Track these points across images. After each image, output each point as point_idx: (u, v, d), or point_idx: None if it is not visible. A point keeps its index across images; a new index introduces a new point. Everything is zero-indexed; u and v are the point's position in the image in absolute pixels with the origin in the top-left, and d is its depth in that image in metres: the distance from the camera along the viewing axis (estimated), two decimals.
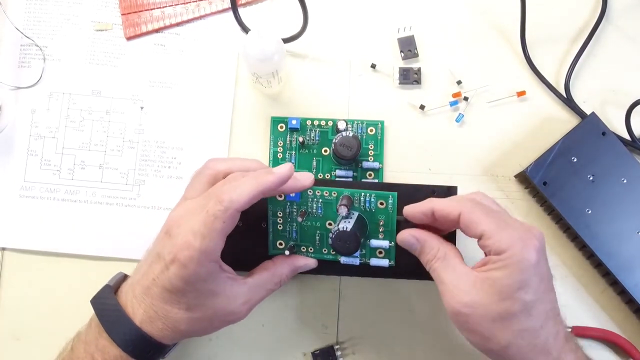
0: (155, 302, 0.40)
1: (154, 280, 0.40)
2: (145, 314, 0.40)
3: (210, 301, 0.41)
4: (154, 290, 0.40)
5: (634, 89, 0.56)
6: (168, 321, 0.41)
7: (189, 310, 0.40)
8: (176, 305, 0.40)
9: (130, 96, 0.56)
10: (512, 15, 0.56)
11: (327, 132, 0.54)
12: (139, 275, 0.42)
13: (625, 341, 0.52)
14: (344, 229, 0.43)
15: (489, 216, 0.39)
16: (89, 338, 0.42)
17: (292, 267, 0.46)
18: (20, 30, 0.56)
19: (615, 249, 0.51)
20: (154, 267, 0.40)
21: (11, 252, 0.53)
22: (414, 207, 0.43)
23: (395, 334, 0.52)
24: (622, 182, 0.52)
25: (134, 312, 0.41)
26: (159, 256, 0.40)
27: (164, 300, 0.40)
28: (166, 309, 0.40)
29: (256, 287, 0.43)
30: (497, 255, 0.38)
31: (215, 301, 0.41)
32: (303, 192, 0.46)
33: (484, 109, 0.56)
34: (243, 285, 0.43)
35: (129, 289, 0.42)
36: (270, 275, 0.45)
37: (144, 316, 0.40)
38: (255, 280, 0.44)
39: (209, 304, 0.41)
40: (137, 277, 0.42)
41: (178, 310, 0.40)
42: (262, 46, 0.47)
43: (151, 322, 0.40)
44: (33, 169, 0.54)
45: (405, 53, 0.56)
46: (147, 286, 0.40)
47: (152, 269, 0.40)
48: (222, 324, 0.43)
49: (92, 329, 0.42)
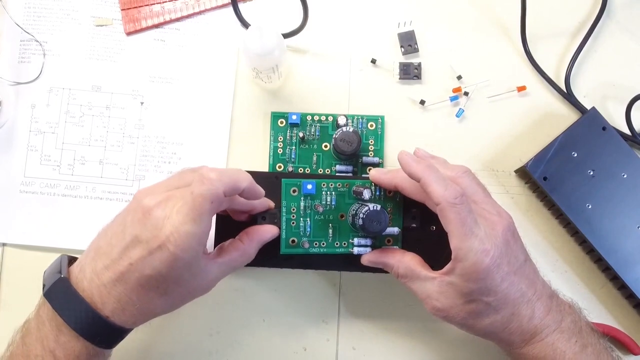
0: (131, 289, 0.38)
1: (130, 266, 0.38)
2: (118, 302, 0.38)
3: (188, 282, 0.40)
4: (131, 276, 0.38)
5: (634, 83, 0.56)
6: (143, 306, 0.39)
7: (166, 294, 0.40)
8: (154, 291, 0.39)
9: (130, 91, 0.55)
10: (512, 10, 0.56)
11: (327, 127, 0.54)
12: (104, 260, 0.39)
13: (625, 336, 0.52)
14: (374, 208, 0.43)
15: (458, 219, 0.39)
16: (44, 334, 0.39)
17: (260, 244, 0.45)
18: (20, 26, 0.56)
19: (615, 244, 0.51)
20: (130, 252, 0.38)
21: (12, 247, 0.53)
22: (379, 177, 0.46)
23: (395, 328, 0.52)
24: (623, 177, 0.52)
25: (102, 302, 0.38)
26: (137, 240, 0.38)
27: (141, 286, 0.38)
28: (143, 295, 0.39)
29: (225, 266, 0.43)
30: (458, 261, 0.40)
31: (191, 281, 0.40)
32: (318, 185, 0.46)
33: (484, 104, 0.56)
34: (214, 263, 0.42)
35: (93, 276, 0.39)
36: (239, 255, 0.43)
37: (116, 305, 0.39)
38: (225, 259, 0.42)
39: (186, 285, 0.40)
40: (102, 262, 0.39)
41: (155, 295, 0.39)
42: (262, 41, 0.47)
43: (123, 310, 0.39)
44: (33, 165, 0.54)
45: (405, 48, 0.56)
46: (121, 272, 0.38)
47: (128, 253, 0.38)
48: (190, 299, 0.42)
49: (46, 324, 0.39)
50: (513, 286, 0.41)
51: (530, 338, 0.42)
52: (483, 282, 0.40)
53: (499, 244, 0.40)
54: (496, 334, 0.42)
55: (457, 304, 0.41)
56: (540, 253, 0.53)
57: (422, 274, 0.43)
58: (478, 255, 0.39)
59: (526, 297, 0.41)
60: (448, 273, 0.41)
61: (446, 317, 0.43)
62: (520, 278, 0.41)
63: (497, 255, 0.40)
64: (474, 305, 0.41)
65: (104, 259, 0.39)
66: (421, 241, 0.47)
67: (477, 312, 0.41)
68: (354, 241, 0.47)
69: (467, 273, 0.40)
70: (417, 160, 0.41)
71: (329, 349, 0.52)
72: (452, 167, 0.45)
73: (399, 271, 0.45)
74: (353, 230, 0.47)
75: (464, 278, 0.40)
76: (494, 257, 0.40)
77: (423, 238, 0.48)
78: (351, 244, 0.47)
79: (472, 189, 0.43)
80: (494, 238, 0.40)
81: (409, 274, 0.44)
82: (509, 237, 0.42)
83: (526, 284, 0.42)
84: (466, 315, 0.42)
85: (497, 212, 0.43)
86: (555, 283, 0.45)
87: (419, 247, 0.46)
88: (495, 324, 0.42)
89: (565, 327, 0.42)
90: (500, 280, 0.40)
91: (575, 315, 0.43)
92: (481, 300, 0.41)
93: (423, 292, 0.43)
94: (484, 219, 0.42)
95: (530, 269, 0.43)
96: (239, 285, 0.53)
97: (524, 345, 0.42)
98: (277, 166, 0.53)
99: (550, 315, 0.42)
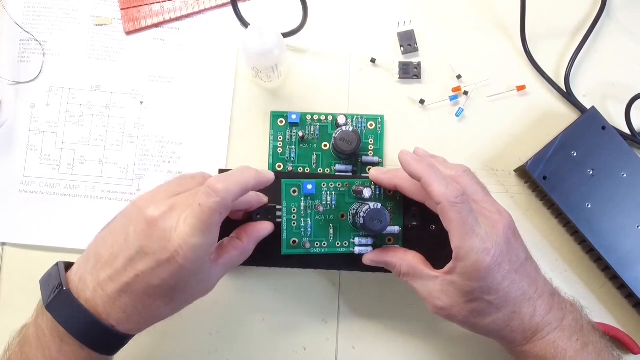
0: (136, 299, 0.38)
1: (137, 277, 0.38)
2: (123, 312, 0.38)
3: (193, 288, 0.40)
4: (137, 287, 0.38)
5: (633, 83, 0.56)
6: (148, 314, 0.39)
7: (173, 301, 0.40)
8: (160, 299, 0.39)
9: (129, 91, 0.55)
10: (512, 10, 0.56)
11: (327, 126, 0.54)
12: (107, 271, 0.38)
13: (624, 335, 0.52)
14: (375, 207, 0.43)
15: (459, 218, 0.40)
16: (45, 344, 0.39)
17: (257, 241, 0.45)
18: (19, 25, 0.56)
19: (614, 243, 0.51)
20: (136, 264, 0.38)
21: (11, 247, 0.53)
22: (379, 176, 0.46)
23: (395, 327, 0.52)
24: (622, 176, 0.52)
25: (107, 312, 0.38)
26: (144, 252, 0.37)
27: (148, 295, 0.38)
28: (149, 304, 0.39)
29: (226, 266, 0.43)
30: (459, 260, 0.40)
31: (197, 287, 0.41)
32: (318, 185, 0.46)
33: (483, 104, 0.56)
34: (217, 266, 0.42)
35: (96, 287, 0.38)
36: (239, 254, 0.43)
37: (121, 315, 0.38)
38: (226, 260, 0.42)
39: (192, 290, 0.41)
40: (105, 272, 0.38)
41: (161, 303, 0.39)
42: (262, 41, 0.47)
43: (128, 319, 0.39)
44: (33, 164, 0.54)
45: (405, 47, 0.56)
46: (127, 283, 0.38)
47: (134, 265, 0.38)
48: (192, 302, 0.42)
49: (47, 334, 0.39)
50: (514, 285, 0.41)
51: (532, 336, 0.42)
52: (484, 280, 0.40)
53: (500, 243, 0.40)
54: (498, 332, 0.42)
55: (459, 302, 0.42)
56: (539, 252, 0.53)
57: (425, 272, 0.43)
58: (479, 254, 0.39)
59: (527, 295, 0.42)
60: (449, 272, 0.41)
61: (448, 316, 0.43)
62: (522, 276, 0.42)
63: (498, 254, 0.40)
64: (475, 304, 0.41)
65: (107, 269, 0.39)
66: (422, 239, 0.47)
67: (479, 310, 0.41)
68: (355, 241, 0.47)
69: (469, 272, 0.40)
70: (417, 160, 0.41)
71: (328, 348, 0.52)
72: (452, 166, 0.45)
73: (401, 269, 0.45)
74: (354, 230, 0.47)
75: (466, 277, 0.40)
76: (495, 256, 0.40)
77: (423, 236, 0.48)
78: (352, 244, 0.47)
79: (472, 188, 0.43)
80: (495, 237, 0.40)
81: (412, 272, 0.44)
82: (510, 236, 0.42)
83: (527, 282, 0.42)
84: (468, 314, 0.42)
85: (497, 210, 0.43)
86: (555, 282, 0.45)
87: (420, 245, 0.46)
88: (497, 323, 0.42)
89: (567, 325, 0.42)
90: (502, 279, 0.40)
91: (577, 314, 0.43)
92: (483, 298, 0.41)
93: (425, 291, 0.43)
94: (485, 218, 0.42)
95: (532, 267, 0.43)
96: (239, 284, 0.53)
97: (525, 343, 0.42)
98: (276, 165, 0.53)
99: (551, 314, 0.42)
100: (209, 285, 0.42)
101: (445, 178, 0.41)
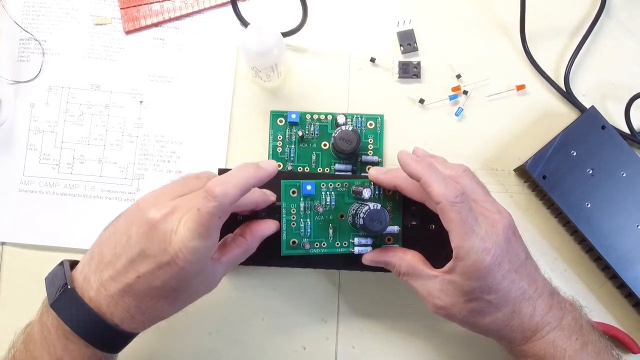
0: (139, 299, 0.39)
1: (138, 279, 0.38)
2: (126, 312, 0.39)
3: (196, 288, 0.41)
4: (139, 288, 0.38)
5: (633, 82, 0.56)
6: (151, 314, 0.40)
7: (176, 301, 0.40)
8: (163, 300, 0.39)
9: (129, 90, 0.55)
10: (512, 9, 0.56)
11: (326, 126, 0.54)
12: (109, 271, 0.39)
13: (624, 335, 0.52)
14: (375, 207, 0.43)
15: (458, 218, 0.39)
16: (50, 342, 0.39)
17: (261, 239, 0.45)
18: (19, 25, 0.56)
19: (614, 243, 0.51)
20: (138, 266, 0.38)
21: (11, 246, 0.53)
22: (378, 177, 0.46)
23: (395, 327, 0.52)
24: (622, 175, 0.52)
25: (111, 312, 0.39)
26: (145, 254, 0.38)
27: (150, 296, 0.39)
28: (152, 304, 0.39)
29: (230, 264, 0.43)
30: (459, 259, 0.40)
31: (199, 286, 0.41)
32: (317, 185, 0.46)
33: (483, 103, 0.56)
34: (220, 264, 0.42)
35: (99, 287, 0.39)
36: (243, 252, 0.43)
37: (125, 314, 0.39)
38: (229, 258, 0.42)
39: (194, 290, 0.41)
40: (108, 272, 0.39)
41: (164, 303, 0.40)
42: (262, 40, 0.47)
43: (132, 318, 0.39)
44: (32, 163, 0.54)
45: (404, 47, 0.56)
46: (128, 284, 0.38)
47: (135, 266, 0.38)
48: (195, 300, 0.42)
49: (52, 332, 0.39)
50: (514, 284, 0.41)
51: (531, 335, 0.42)
52: (484, 280, 0.40)
53: (500, 242, 0.40)
54: (497, 332, 0.42)
55: (459, 302, 0.42)
56: (539, 252, 0.53)
57: (424, 271, 0.43)
58: (479, 253, 0.39)
59: (527, 295, 0.42)
60: (449, 271, 0.41)
61: (447, 315, 0.43)
62: (521, 276, 0.42)
63: (498, 253, 0.40)
64: (475, 304, 0.41)
65: (109, 269, 0.39)
66: (421, 239, 0.47)
67: (479, 310, 0.41)
68: (354, 241, 0.47)
69: (469, 271, 0.40)
70: (416, 160, 0.41)
71: (328, 347, 0.52)
72: (452, 166, 0.45)
73: (401, 269, 0.45)
74: (353, 230, 0.47)
75: (465, 276, 0.40)
76: (495, 256, 0.40)
77: (423, 236, 0.48)
78: (352, 244, 0.47)
79: (471, 188, 0.43)
80: (494, 236, 0.40)
81: (411, 271, 0.44)
82: (510, 235, 0.42)
83: (527, 281, 0.42)
84: (467, 313, 0.42)
85: (497, 210, 0.43)
86: (555, 282, 0.45)
87: (419, 245, 0.46)
88: (497, 322, 0.42)
89: (566, 325, 0.42)
90: (501, 279, 0.40)
91: (576, 313, 0.44)
92: (482, 298, 0.41)
93: (425, 290, 0.43)
94: (485, 218, 0.42)
95: (531, 267, 0.43)
96: (239, 284, 0.53)
97: (524, 342, 0.42)
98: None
99: (551, 313, 0.42)
100: (212, 284, 0.43)
101: (445, 178, 0.41)
